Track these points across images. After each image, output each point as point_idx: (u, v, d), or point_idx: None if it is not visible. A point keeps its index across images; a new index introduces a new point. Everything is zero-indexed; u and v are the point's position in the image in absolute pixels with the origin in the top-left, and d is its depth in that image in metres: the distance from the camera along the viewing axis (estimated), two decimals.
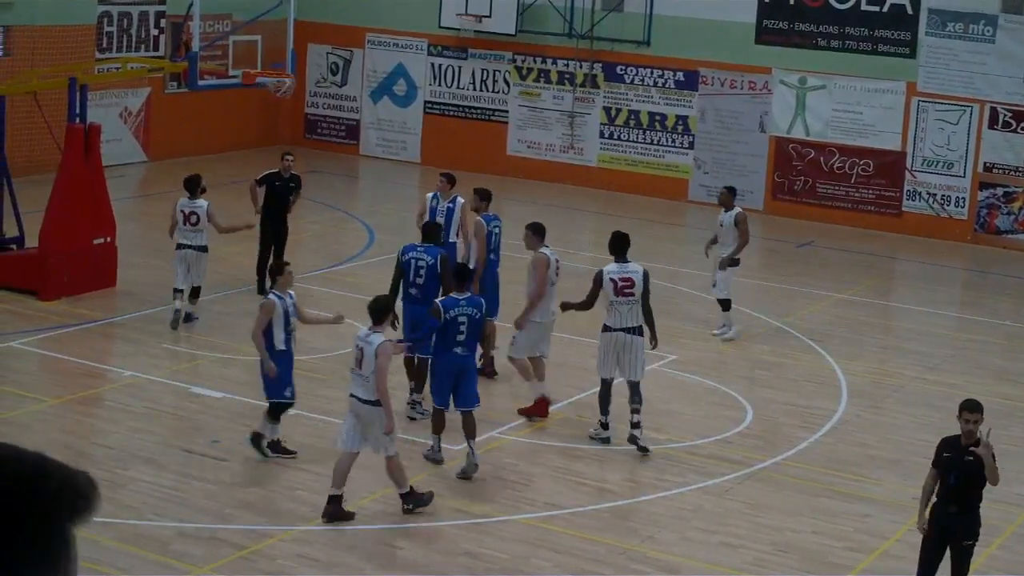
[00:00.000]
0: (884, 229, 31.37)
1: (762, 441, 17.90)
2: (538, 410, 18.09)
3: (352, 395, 14.81)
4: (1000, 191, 30.73)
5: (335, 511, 14.62)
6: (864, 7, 31.48)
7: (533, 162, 34.97)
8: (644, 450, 17.01)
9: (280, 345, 16.02)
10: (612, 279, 17.28)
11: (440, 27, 35.38)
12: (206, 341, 20.78)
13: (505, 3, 34.23)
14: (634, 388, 17.21)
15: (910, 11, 31.10)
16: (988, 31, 30.43)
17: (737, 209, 22.46)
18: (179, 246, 21.41)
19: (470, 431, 16.13)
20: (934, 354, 22.56)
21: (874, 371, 21.37)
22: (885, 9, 31.32)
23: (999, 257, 30.02)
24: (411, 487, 14.95)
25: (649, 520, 15.34)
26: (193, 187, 21.57)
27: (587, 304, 17.50)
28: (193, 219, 21.36)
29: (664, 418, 18.50)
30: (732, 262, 22.26)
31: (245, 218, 22.58)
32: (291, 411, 17.86)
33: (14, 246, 23.35)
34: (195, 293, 21.60)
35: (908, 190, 31.51)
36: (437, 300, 16.53)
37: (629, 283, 17.30)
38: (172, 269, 21.46)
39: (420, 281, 17.67)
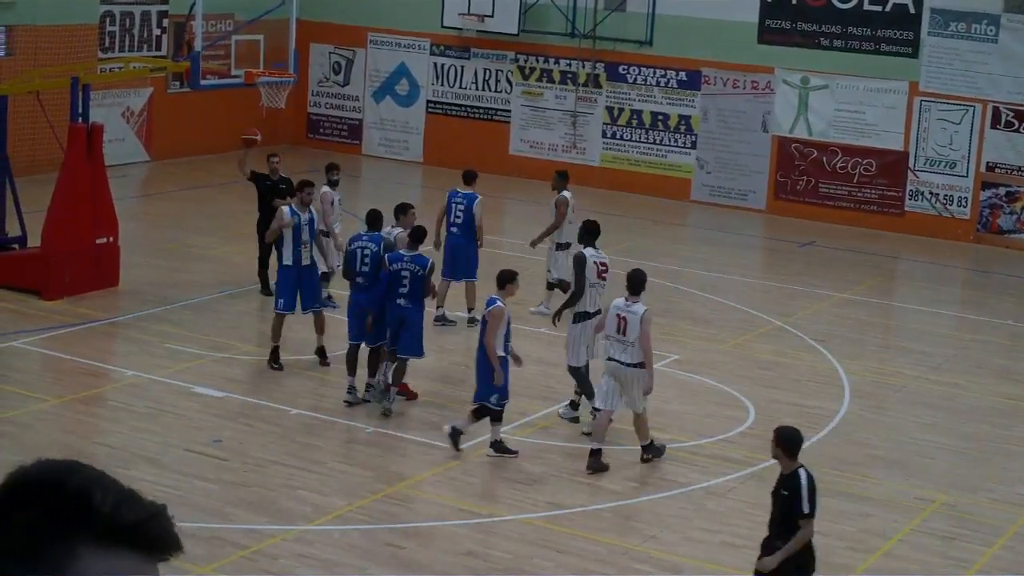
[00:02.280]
0: (886, 229, 31.36)
1: (764, 441, 17.75)
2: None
3: (611, 359, 16.22)
4: (1003, 191, 30.71)
5: (596, 464, 16.22)
6: (866, 7, 31.47)
7: (536, 162, 34.95)
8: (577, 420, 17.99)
9: (500, 351, 16.57)
10: (595, 263, 17.89)
11: (442, 27, 35.37)
12: (207, 340, 20.77)
13: (507, 3, 34.23)
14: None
15: (912, 11, 31.08)
16: (991, 31, 30.42)
17: (563, 193, 22.59)
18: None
19: (399, 376, 17.93)
20: (936, 354, 22.54)
21: (876, 371, 21.36)
22: (887, 9, 31.31)
23: (1001, 257, 30.00)
24: (652, 439, 16.53)
25: (652, 520, 15.34)
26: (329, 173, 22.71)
27: (579, 292, 17.85)
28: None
29: (666, 418, 18.50)
30: (560, 246, 22.51)
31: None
32: (292, 411, 17.89)
33: (16, 246, 23.35)
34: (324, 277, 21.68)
35: (910, 190, 31.50)
36: (385, 254, 18.21)
37: (605, 267, 18.07)
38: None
39: (366, 270, 18.28)
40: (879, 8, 31.37)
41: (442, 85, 36.27)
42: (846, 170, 32.04)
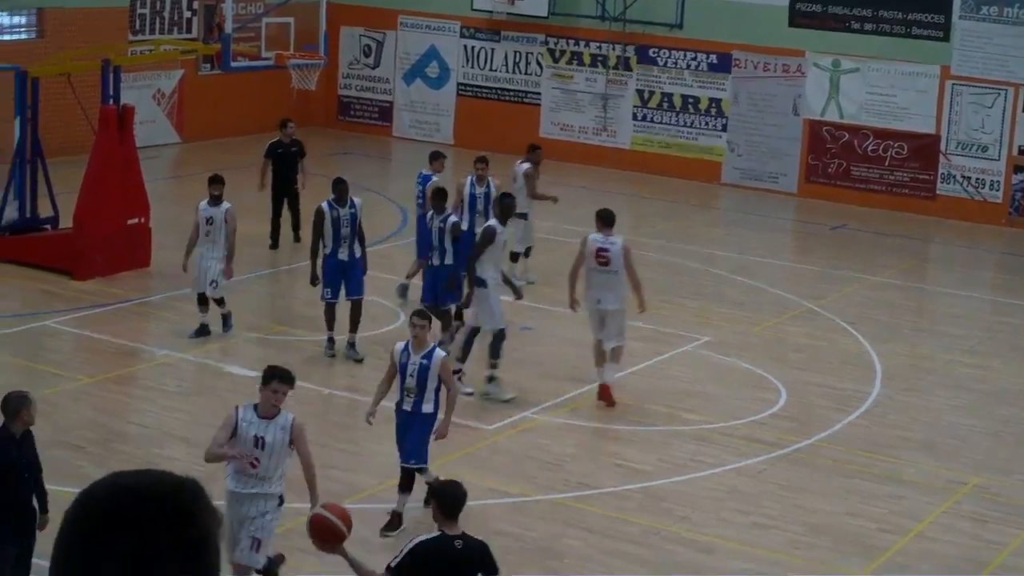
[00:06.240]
0: (918, 212, 31.23)
1: (796, 423, 17.86)
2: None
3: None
4: None
5: None
6: None
7: (566, 144, 34.89)
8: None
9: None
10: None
11: (473, 9, 35.32)
12: (238, 320, 20.80)
13: None
14: None
15: None
16: (1023, 14, 30.23)
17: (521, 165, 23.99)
18: None
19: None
20: (968, 336, 22.45)
21: (908, 353, 21.28)
22: None
23: None
24: None
25: (683, 501, 15.32)
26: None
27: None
28: None
29: (698, 399, 18.48)
30: (521, 214, 22.74)
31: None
32: (326, 391, 17.86)
33: (49, 226, 23.44)
34: None
35: (942, 173, 31.36)
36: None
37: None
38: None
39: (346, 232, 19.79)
40: None
41: (472, 68, 36.24)
42: (877, 153, 31.91)
